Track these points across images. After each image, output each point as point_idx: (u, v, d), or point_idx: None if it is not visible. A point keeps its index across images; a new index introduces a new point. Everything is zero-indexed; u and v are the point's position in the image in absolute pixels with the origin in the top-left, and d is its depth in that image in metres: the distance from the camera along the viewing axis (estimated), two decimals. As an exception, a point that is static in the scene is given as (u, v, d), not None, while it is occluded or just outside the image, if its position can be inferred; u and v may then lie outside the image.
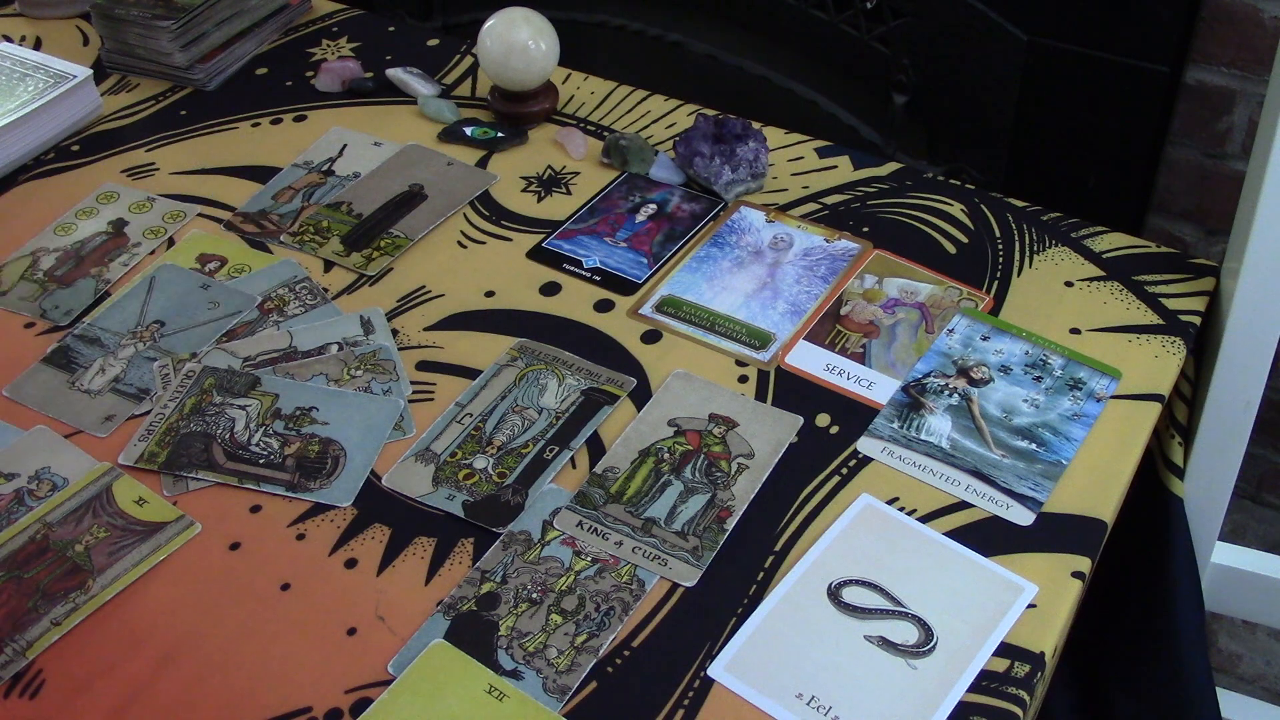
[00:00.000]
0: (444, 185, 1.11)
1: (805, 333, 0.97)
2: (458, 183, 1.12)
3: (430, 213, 1.09)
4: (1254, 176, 0.91)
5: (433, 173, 1.13)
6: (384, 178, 1.12)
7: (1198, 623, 0.99)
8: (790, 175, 1.12)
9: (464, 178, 1.12)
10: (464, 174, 1.13)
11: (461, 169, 1.13)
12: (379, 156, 1.16)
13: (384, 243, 1.06)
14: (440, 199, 1.10)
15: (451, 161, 1.14)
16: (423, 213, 1.09)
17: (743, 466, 0.86)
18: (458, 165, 1.14)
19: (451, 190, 1.11)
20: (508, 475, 0.86)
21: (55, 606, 0.78)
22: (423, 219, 1.08)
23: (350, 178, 1.13)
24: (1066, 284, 1.01)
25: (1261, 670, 1.56)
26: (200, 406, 0.91)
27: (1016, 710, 0.73)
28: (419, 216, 1.08)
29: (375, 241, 1.06)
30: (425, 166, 1.14)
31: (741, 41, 1.71)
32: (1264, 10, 1.34)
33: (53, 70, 1.20)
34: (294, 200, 1.10)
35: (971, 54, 1.49)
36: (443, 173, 1.13)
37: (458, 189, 1.11)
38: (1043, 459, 0.87)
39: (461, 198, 1.10)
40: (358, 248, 1.05)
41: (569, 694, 0.73)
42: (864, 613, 0.77)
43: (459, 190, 1.11)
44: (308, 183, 1.12)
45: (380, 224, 1.08)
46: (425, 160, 1.15)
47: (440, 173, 1.13)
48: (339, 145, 1.16)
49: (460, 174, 1.13)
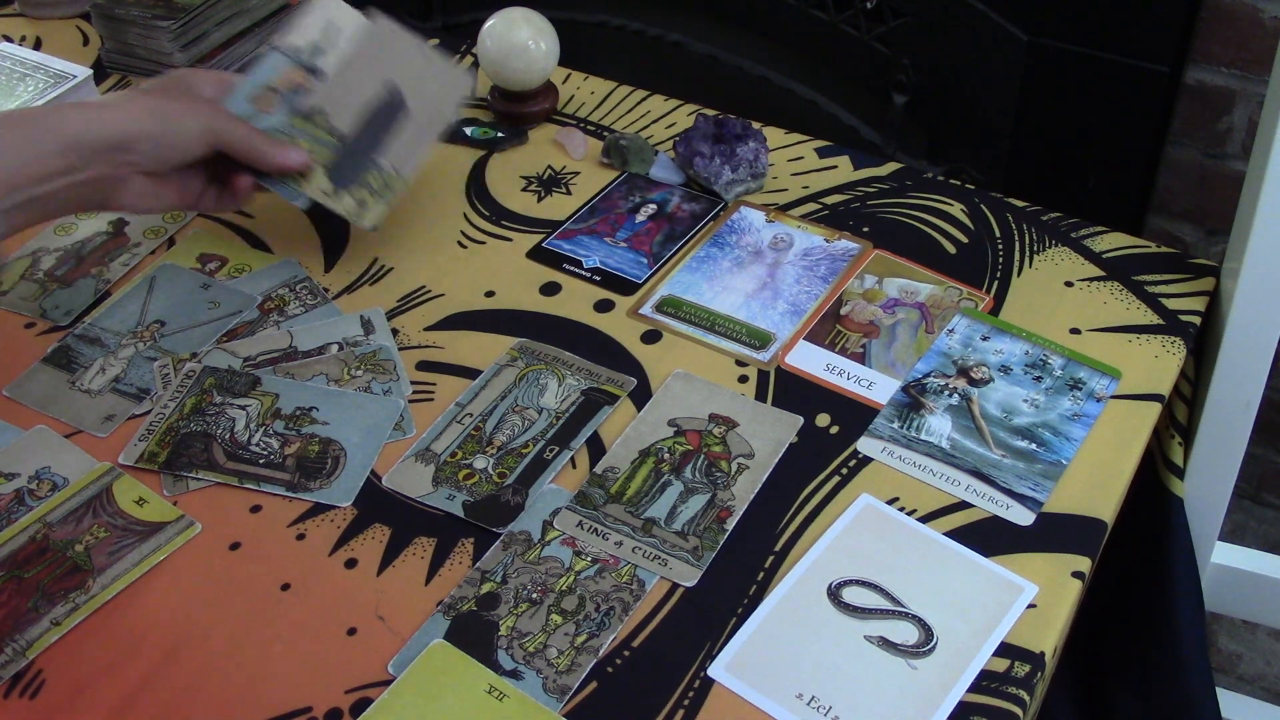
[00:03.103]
0: (420, 85, 1.01)
1: (805, 333, 0.97)
2: (433, 82, 1.02)
3: (415, 133, 1.01)
4: (1254, 176, 0.91)
5: (406, 65, 1.02)
6: (356, 72, 1.01)
7: (1198, 623, 0.99)
8: (790, 175, 1.12)
9: (439, 76, 1.03)
10: (437, 69, 1.03)
11: (436, 60, 1.03)
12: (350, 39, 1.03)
13: (373, 179, 0.98)
14: (421, 108, 1.01)
15: (429, 55, 1.03)
16: (408, 133, 1.00)
17: (743, 466, 0.86)
18: (435, 58, 1.03)
19: (429, 94, 1.02)
20: (508, 475, 0.86)
21: (55, 606, 0.78)
22: (408, 143, 1.00)
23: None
24: (1066, 284, 1.01)
25: (1261, 670, 1.56)
26: (200, 406, 0.91)
27: (1016, 710, 0.73)
28: (405, 139, 1.00)
29: (362, 177, 0.98)
30: (397, 52, 1.02)
31: (741, 41, 1.71)
32: (1264, 10, 1.34)
33: (53, 70, 1.20)
34: (276, 110, 0.98)
35: (971, 54, 1.49)
36: (417, 65, 1.02)
37: (436, 93, 1.02)
38: (1043, 459, 0.87)
39: (444, 108, 1.03)
40: (346, 183, 0.97)
41: (569, 694, 0.73)
42: (864, 613, 0.77)
43: (438, 95, 1.02)
44: (291, 82, 1.00)
45: (364, 149, 0.99)
46: (395, 43, 1.03)
47: (414, 65, 1.02)
48: (324, 21, 1.03)
49: (433, 70, 1.03)
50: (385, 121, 1.00)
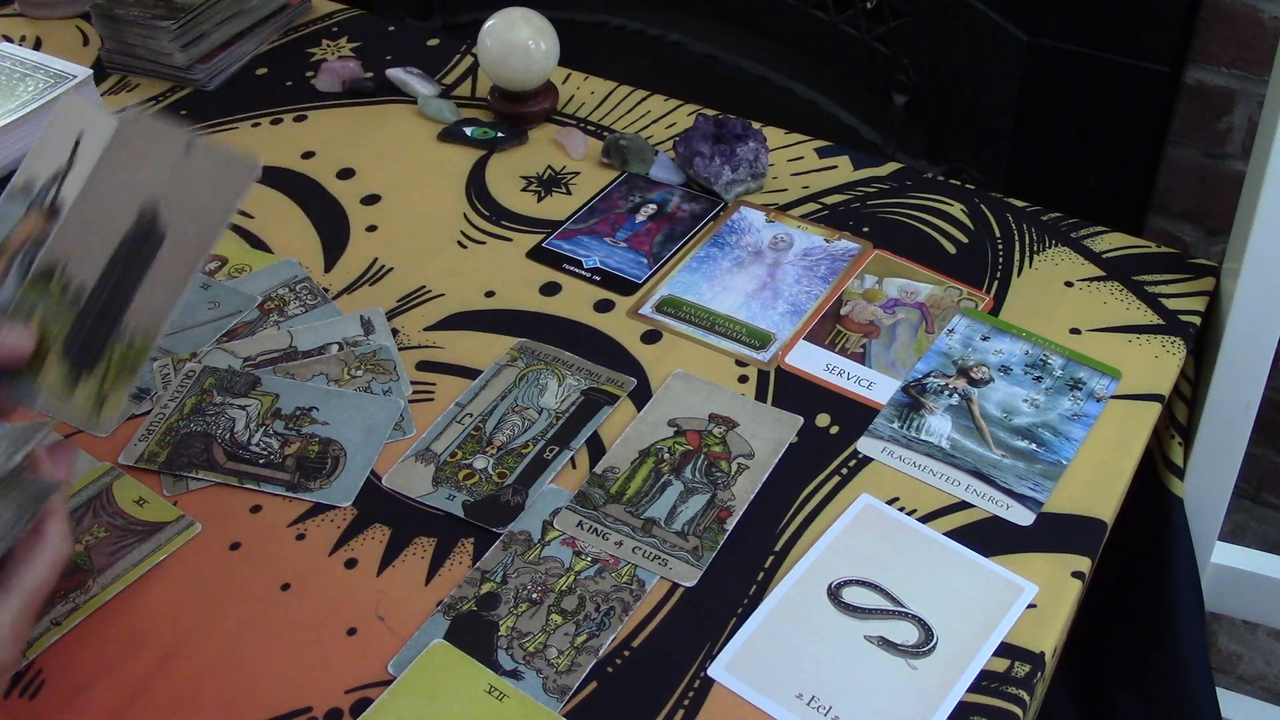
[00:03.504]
0: (185, 195, 0.77)
1: (805, 333, 0.97)
2: (202, 186, 0.77)
3: (171, 270, 0.75)
4: (1254, 176, 0.91)
5: (166, 172, 0.77)
6: (102, 197, 0.77)
7: (1198, 623, 0.99)
8: (790, 175, 1.12)
9: (211, 177, 0.77)
10: (210, 168, 0.77)
11: (206, 157, 0.77)
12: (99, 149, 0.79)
13: (117, 354, 0.74)
14: (183, 228, 0.76)
15: (192, 142, 0.77)
16: (162, 270, 0.75)
17: (743, 466, 0.86)
18: (199, 148, 0.77)
19: (196, 205, 0.76)
20: (508, 475, 0.86)
21: (55, 606, 0.78)
22: (160, 288, 0.75)
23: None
24: (1066, 284, 1.01)
25: (1261, 670, 1.56)
26: (200, 406, 0.91)
27: (1016, 710, 0.73)
28: (156, 283, 0.75)
29: (106, 353, 0.74)
30: (155, 157, 0.78)
31: (741, 41, 1.71)
32: (1264, 10, 1.34)
33: (53, 70, 1.20)
34: (7, 279, 0.76)
35: (971, 54, 1.49)
36: (180, 168, 0.77)
37: (204, 201, 0.76)
38: (1043, 459, 0.87)
39: (213, 218, 0.76)
40: (88, 363, 0.74)
41: (569, 694, 0.73)
42: (864, 613, 0.77)
43: (207, 203, 0.76)
44: (28, 234, 0.77)
45: (106, 312, 0.74)
46: (154, 145, 0.78)
47: (176, 169, 0.77)
48: (73, 139, 0.79)
49: (205, 168, 0.77)
50: (134, 261, 0.76)
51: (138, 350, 0.75)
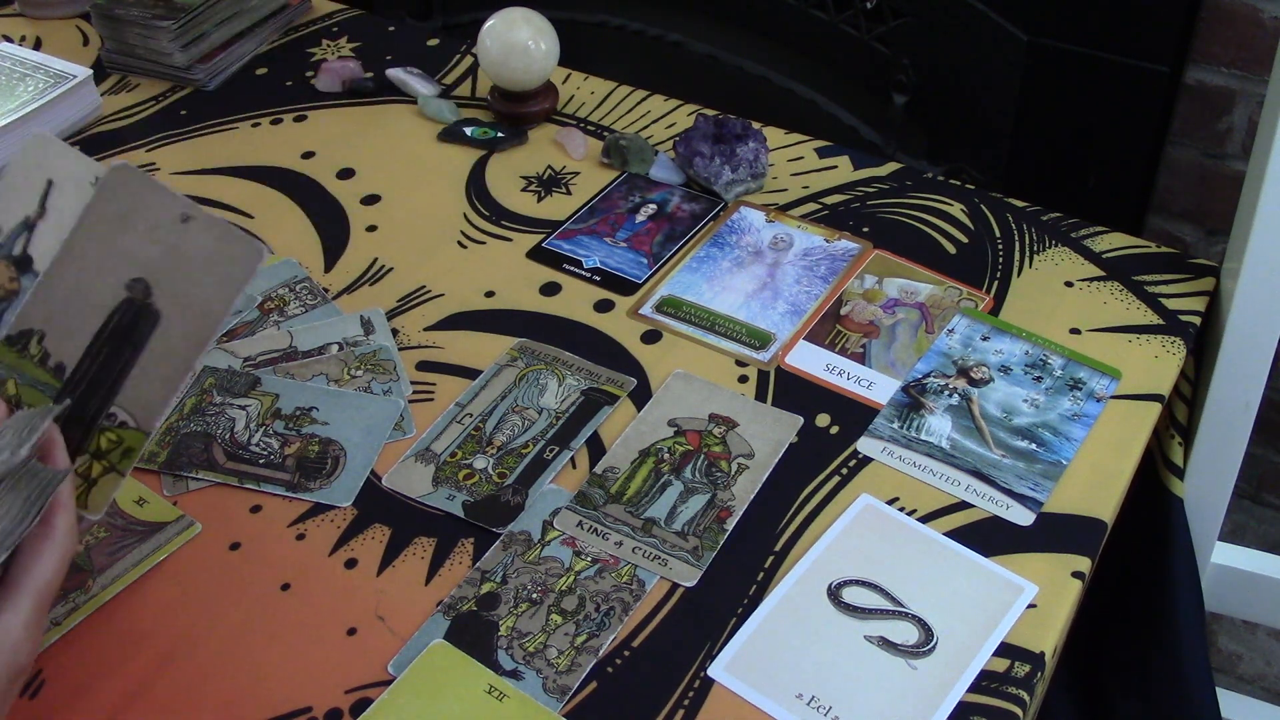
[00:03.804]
0: (184, 274, 0.69)
1: (805, 333, 0.97)
2: (204, 269, 0.68)
3: (168, 358, 0.69)
4: (1254, 176, 0.91)
5: (162, 245, 0.69)
6: (84, 262, 0.70)
7: (1198, 623, 0.99)
8: (790, 175, 1.12)
9: (212, 256, 0.69)
10: (210, 246, 0.69)
11: (206, 234, 0.69)
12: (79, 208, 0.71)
13: (105, 440, 0.69)
14: (182, 313, 0.69)
15: (188, 216, 0.69)
16: (158, 356, 0.69)
17: (743, 466, 0.86)
18: (198, 223, 0.69)
19: (197, 285, 0.69)
20: (508, 475, 0.86)
21: (55, 606, 0.78)
22: (157, 376, 0.69)
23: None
24: (1066, 284, 1.01)
25: (1261, 670, 1.56)
26: (200, 406, 0.91)
27: (1016, 710, 0.73)
28: (151, 370, 0.69)
29: (92, 438, 0.69)
30: (147, 226, 0.69)
31: (741, 41, 1.71)
32: (1264, 10, 1.34)
33: (53, 70, 1.20)
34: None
35: (971, 54, 1.49)
36: (177, 243, 0.69)
37: (206, 283, 0.69)
38: (1043, 459, 0.87)
39: (215, 304, 0.69)
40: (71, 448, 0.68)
41: (569, 694, 0.73)
42: (864, 613, 0.77)
43: (209, 286, 0.69)
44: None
45: (92, 393, 0.68)
46: (145, 210, 0.69)
47: (174, 243, 0.69)
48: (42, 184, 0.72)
49: (205, 245, 0.69)
50: (124, 343, 0.69)
51: (132, 438, 0.69)
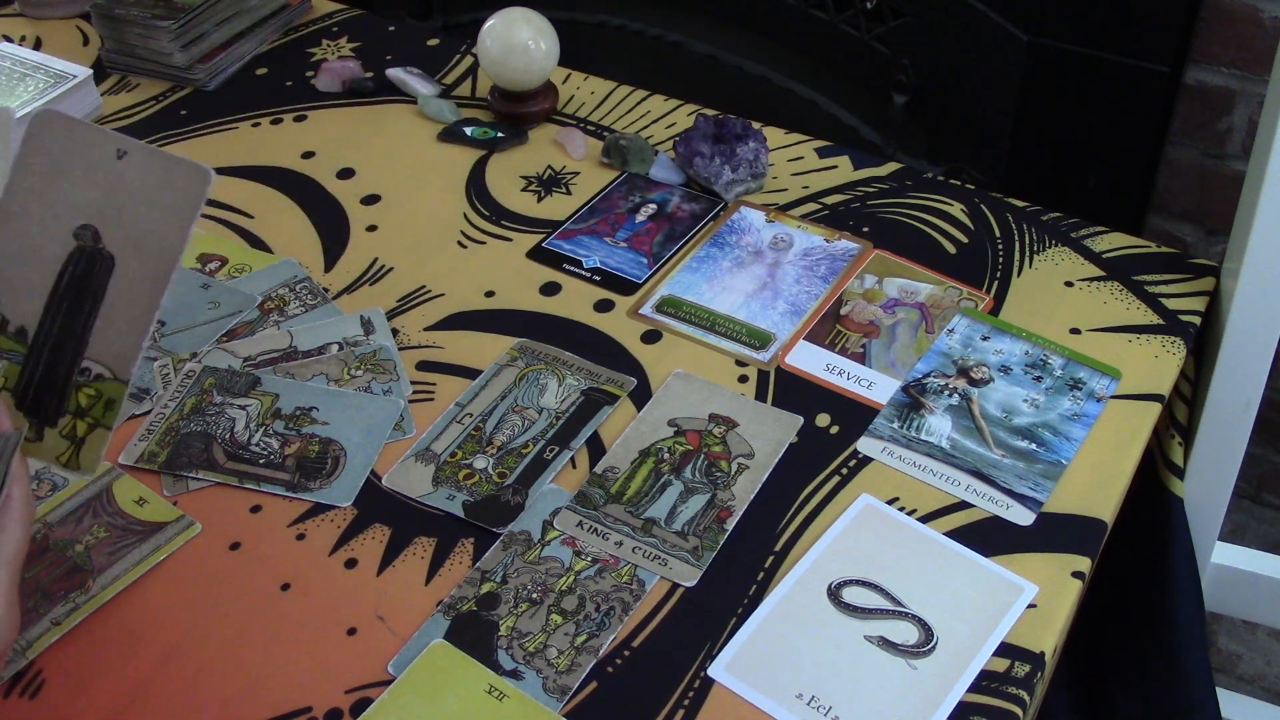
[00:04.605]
0: (131, 212, 0.67)
1: (805, 333, 0.97)
2: (151, 203, 0.66)
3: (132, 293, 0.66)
4: (1254, 176, 0.91)
5: (103, 187, 0.67)
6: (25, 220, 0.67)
7: (1198, 623, 0.99)
8: (790, 175, 1.12)
9: (157, 188, 0.66)
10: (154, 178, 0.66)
11: (146, 166, 0.67)
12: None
13: (83, 397, 0.66)
14: (136, 251, 0.66)
15: (124, 151, 0.67)
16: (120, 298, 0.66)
17: (743, 466, 0.86)
18: (135, 157, 0.67)
19: (147, 221, 0.66)
20: (508, 475, 0.86)
21: (55, 606, 0.78)
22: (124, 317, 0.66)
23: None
24: (1066, 284, 1.01)
25: (1261, 670, 1.56)
26: (200, 406, 0.91)
27: (1016, 710, 0.73)
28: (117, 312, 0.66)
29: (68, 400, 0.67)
30: (83, 170, 0.67)
31: (741, 41, 1.71)
32: (1264, 10, 1.34)
33: (53, 70, 1.20)
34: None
35: (971, 54, 1.49)
36: (118, 182, 0.66)
37: (156, 216, 0.67)
38: (1043, 459, 0.87)
39: (170, 236, 0.66)
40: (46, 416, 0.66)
41: (569, 694, 0.73)
42: (864, 613, 0.77)
43: (160, 219, 0.66)
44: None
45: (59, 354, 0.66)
46: (77, 153, 0.67)
47: (114, 182, 0.66)
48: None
49: (149, 179, 0.66)
50: (82, 293, 0.66)
51: (111, 389, 0.67)
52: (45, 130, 0.67)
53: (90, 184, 0.66)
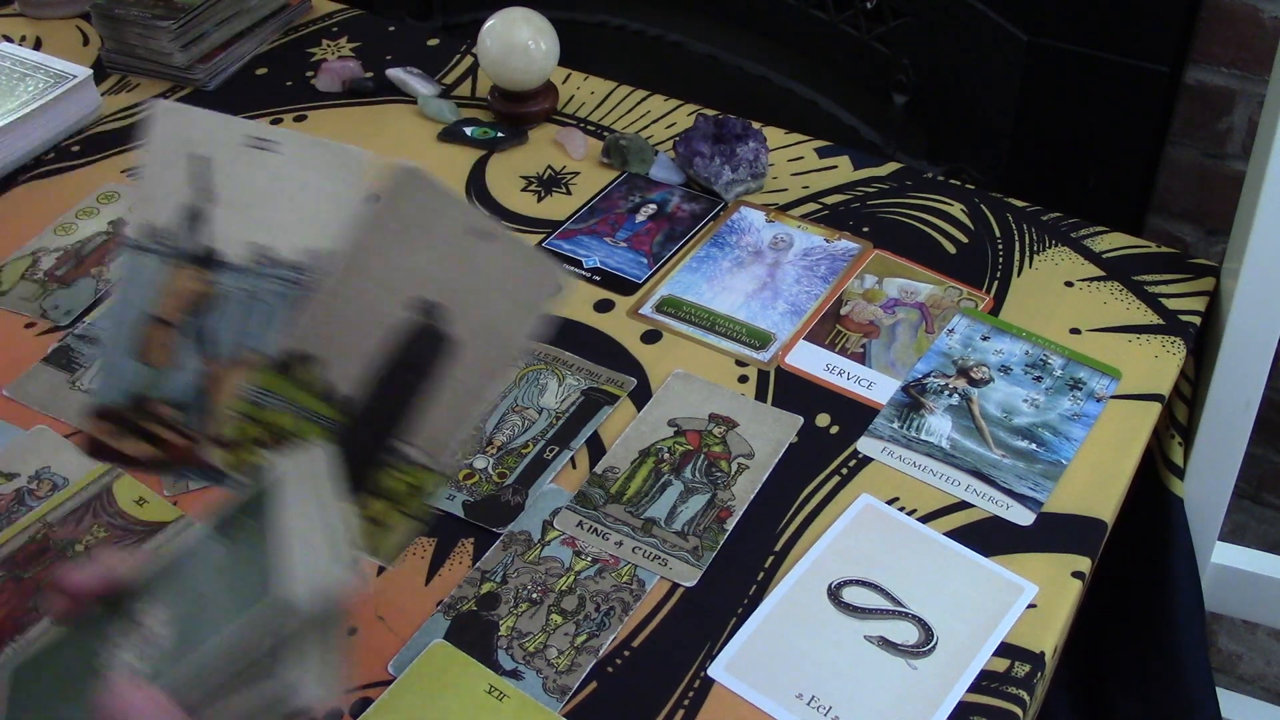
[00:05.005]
0: (475, 295, 0.61)
1: (805, 333, 0.97)
2: (502, 292, 0.61)
3: (464, 384, 0.61)
4: (1254, 176, 0.91)
5: (451, 261, 0.61)
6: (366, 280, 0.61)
7: (1198, 623, 0.99)
8: (790, 175, 1.12)
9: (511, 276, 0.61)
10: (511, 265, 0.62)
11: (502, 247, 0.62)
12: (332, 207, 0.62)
13: (394, 480, 0.61)
14: (473, 340, 0.61)
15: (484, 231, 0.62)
16: (451, 386, 0.61)
17: (743, 466, 0.86)
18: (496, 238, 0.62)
19: (492, 310, 0.61)
20: (508, 475, 0.86)
21: (55, 606, 0.78)
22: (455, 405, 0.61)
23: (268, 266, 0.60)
24: (1066, 284, 1.01)
25: (1261, 670, 1.56)
26: (200, 406, 0.91)
27: (1016, 710, 0.73)
28: (448, 400, 0.61)
29: (379, 476, 0.62)
30: (436, 240, 0.61)
31: (741, 41, 1.71)
32: (1264, 10, 1.34)
33: (53, 70, 1.20)
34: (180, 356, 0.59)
35: (971, 54, 1.49)
36: (470, 260, 0.61)
37: (502, 307, 0.61)
38: (1043, 459, 0.87)
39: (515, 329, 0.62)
40: (353, 489, 0.61)
41: (569, 694, 0.73)
42: (864, 613, 0.77)
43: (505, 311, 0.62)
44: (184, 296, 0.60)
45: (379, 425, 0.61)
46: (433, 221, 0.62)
47: (465, 260, 0.61)
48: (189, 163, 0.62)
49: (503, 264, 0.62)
50: (411, 373, 0.61)
51: (424, 477, 0.61)
52: (406, 187, 0.62)
53: (442, 257, 0.61)
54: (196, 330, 0.60)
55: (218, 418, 0.61)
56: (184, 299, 0.60)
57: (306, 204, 0.62)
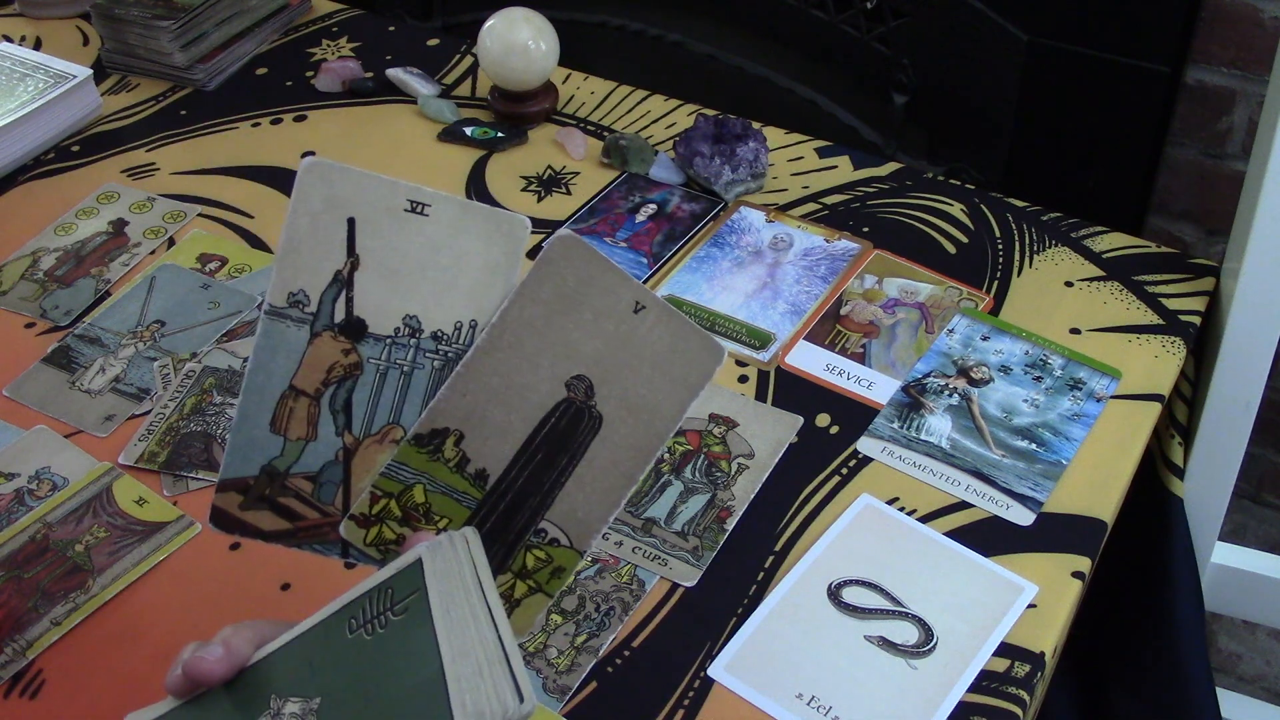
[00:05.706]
0: (628, 371, 0.59)
1: (805, 333, 0.97)
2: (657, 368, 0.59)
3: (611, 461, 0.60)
4: (1254, 176, 0.91)
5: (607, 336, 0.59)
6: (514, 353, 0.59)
7: (1198, 623, 0.99)
8: (790, 175, 1.12)
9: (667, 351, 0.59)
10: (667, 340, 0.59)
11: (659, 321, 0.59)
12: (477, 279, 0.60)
13: (534, 558, 0.60)
14: (625, 418, 0.60)
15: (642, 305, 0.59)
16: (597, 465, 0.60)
17: (743, 466, 0.86)
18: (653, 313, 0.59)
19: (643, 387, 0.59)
20: (508, 475, 0.86)
21: (55, 606, 0.78)
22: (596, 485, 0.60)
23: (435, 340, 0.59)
24: (1066, 284, 1.01)
25: (1261, 670, 1.56)
26: (200, 406, 0.91)
27: (1016, 710, 0.73)
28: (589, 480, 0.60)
29: (520, 555, 0.60)
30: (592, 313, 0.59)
31: (741, 41, 1.71)
32: (1264, 10, 1.34)
33: (53, 70, 1.20)
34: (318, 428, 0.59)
35: (971, 54, 1.49)
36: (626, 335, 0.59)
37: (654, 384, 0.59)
38: (1043, 459, 0.87)
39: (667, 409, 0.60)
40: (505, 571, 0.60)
41: (569, 694, 0.73)
42: (864, 613, 0.77)
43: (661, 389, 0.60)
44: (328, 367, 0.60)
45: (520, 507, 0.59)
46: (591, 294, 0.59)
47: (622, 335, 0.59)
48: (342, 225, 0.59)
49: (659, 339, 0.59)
50: (559, 451, 0.60)
51: (563, 556, 0.60)
52: (564, 257, 0.59)
53: (596, 331, 0.59)
54: (337, 402, 0.59)
55: (354, 493, 0.60)
56: (326, 370, 0.59)
57: (462, 274, 0.59)
